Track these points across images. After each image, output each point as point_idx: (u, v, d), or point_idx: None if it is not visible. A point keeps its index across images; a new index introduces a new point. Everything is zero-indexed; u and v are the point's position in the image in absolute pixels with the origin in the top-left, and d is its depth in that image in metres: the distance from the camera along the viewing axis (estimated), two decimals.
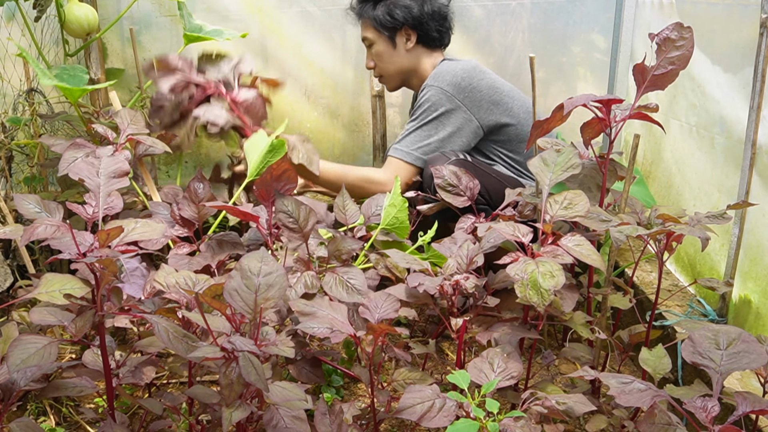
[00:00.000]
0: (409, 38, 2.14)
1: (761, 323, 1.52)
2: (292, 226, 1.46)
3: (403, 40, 2.13)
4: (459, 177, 1.77)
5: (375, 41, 2.16)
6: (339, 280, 1.44)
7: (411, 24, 2.11)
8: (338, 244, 1.49)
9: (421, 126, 2.04)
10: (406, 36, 2.13)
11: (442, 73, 2.07)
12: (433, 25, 2.14)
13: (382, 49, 2.15)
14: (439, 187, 1.75)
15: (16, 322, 1.39)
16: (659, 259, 1.40)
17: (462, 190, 1.76)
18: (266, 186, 1.47)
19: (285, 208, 1.47)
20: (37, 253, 1.94)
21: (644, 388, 1.11)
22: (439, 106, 2.02)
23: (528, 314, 1.46)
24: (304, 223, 1.47)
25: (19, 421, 1.17)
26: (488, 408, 1.12)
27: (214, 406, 1.19)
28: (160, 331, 1.10)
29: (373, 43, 2.17)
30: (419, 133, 2.03)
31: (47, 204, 1.31)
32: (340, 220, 1.74)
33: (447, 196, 1.75)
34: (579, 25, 2.52)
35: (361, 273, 1.46)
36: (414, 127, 2.05)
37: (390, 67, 2.18)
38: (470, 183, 1.76)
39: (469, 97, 2.02)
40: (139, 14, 2.59)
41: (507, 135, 2.08)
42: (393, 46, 2.14)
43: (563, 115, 1.47)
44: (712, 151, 1.81)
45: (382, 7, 2.12)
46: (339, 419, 1.21)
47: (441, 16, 2.16)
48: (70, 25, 2.16)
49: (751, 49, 1.54)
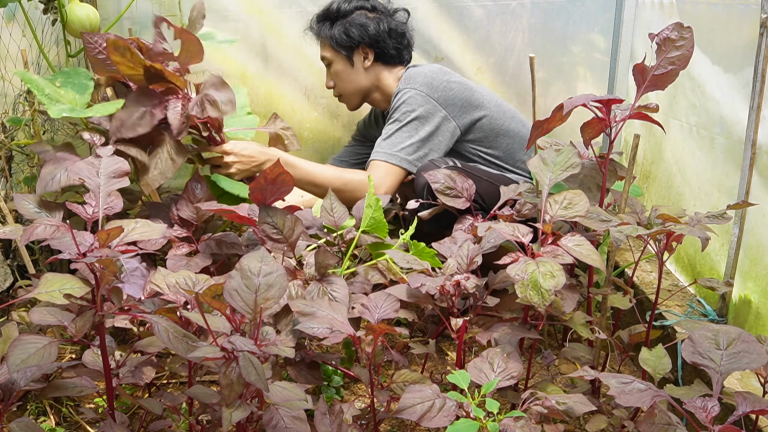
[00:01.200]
0: (367, 56, 2.15)
1: (761, 323, 1.52)
2: (276, 237, 1.46)
3: (360, 58, 2.15)
4: (454, 179, 1.79)
5: (333, 60, 2.17)
6: (322, 290, 1.43)
7: (367, 42, 2.13)
8: (319, 257, 1.48)
9: (401, 128, 2.02)
10: (364, 54, 2.15)
11: (413, 76, 2.08)
12: (390, 43, 2.15)
13: (340, 68, 2.17)
14: (438, 192, 1.77)
15: (16, 322, 1.39)
16: (659, 259, 1.40)
17: (459, 192, 1.78)
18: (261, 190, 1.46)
19: (269, 219, 1.46)
20: (37, 253, 1.94)
21: (644, 388, 1.11)
22: (417, 107, 2.02)
23: (528, 314, 1.46)
24: (289, 233, 1.46)
25: (19, 421, 1.17)
26: (488, 408, 1.12)
27: (214, 406, 1.19)
28: (160, 331, 1.10)
29: (331, 62, 2.18)
30: (399, 135, 2.02)
31: (47, 204, 1.31)
32: (328, 223, 1.72)
33: (447, 200, 1.77)
34: (579, 25, 2.52)
35: (345, 285, 1.45)
36: (393, 130, 2.03)
37: (348, 86, 2.19)
38: (465, 184, 1.79)
39: (443, 96, 2.03)
40: (139, 14, 2.59)
41: (482, 130, 2.08)
42: (351, 65, 2.16)
43: (563, 115, 1.47)
44: (712, 151, 1.81)
45: (338, 27, 2.13)
46: (339, 419, 1.21)
47: (398, 33, 2.17)
48: (72, 25, 2.16)
49: (751, 49, 1.54)
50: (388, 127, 2.06)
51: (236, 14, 2.54)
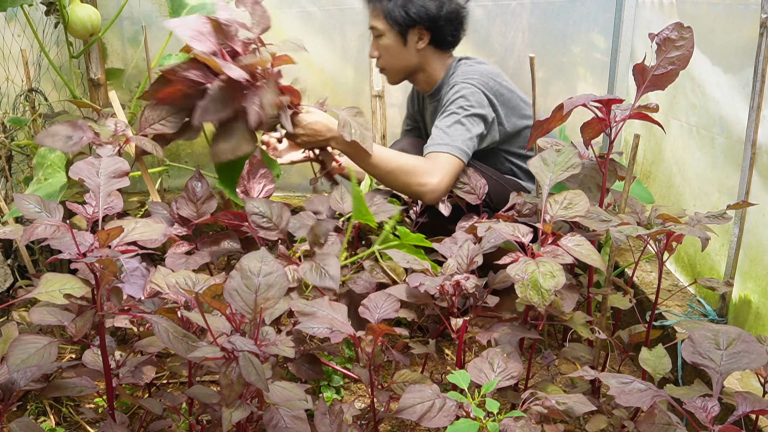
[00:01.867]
0: (422, 38, 2.03)
1: (761, 323, 1.52)
2: (267, 225, 1.49)
3: (414, 38, 2.03)
4: (469, 176, 1.86)
5: (384, 34, 2.03)
6: (315, 266, 1.45)
7: (426, 25, 2.01)
8: (315, 228, 1.50)
9: (460, 120, 1.93)
10: (419, 35, 2.03)
11: (470, 72, 1.99)
12: (448, 29, 2.04)
13: (390, 43, 2.03)
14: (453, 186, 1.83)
15: (16, 322, 1.39)
16: (659, 259, 1.40)
17: (473, 188, 1.85)
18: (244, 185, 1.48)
19: (256, 209, 1.50)
20: (37, 253, 1.94)
21: (644, 388, 1.11)
22: (475, 104, 1.94)
23: (528, 314, 1.46)
24: (278, 220, 1.49)
25: (19, 421, 1.17)
26: (488, 408, 1.12)
27: (214, 406, 1.19)
28: (160, 331, 1.10)
29: (381, 35, 2.03)
30: (460, 128, 1.92)
31: (47, 204, 1.31)
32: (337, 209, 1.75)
33: (460, 193, 1.85)
34: (579, 25, 2.52)
35: (337, 262, 1.47)
36: (453, 122, 1.93)
37: (396, 63, 2.07)
38: (479, 182, 1.86)
39: (498, 99, 1.98)
40: (140, 14, 2.59)
41: (525, 140, 2.05)
42: (403, 43, 2.02)
43: (563, 115, 1.47)
44: (713, 151, 1.81)
45: (397, 1, 1.98)
46: (339, 419, 1.21)
47: (458, 19, 2.06)
48: (73, 26, 2.16)
49: (751, 49, 1.54)
50: (447, 119, 1.95)
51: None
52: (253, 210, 1.49)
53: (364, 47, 2.61)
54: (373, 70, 2.56)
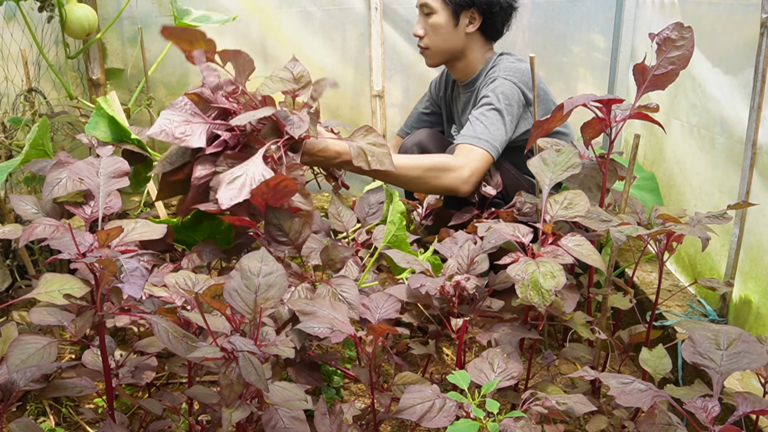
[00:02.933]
0: (473, 21, 1.99)
1: (761, 323, 1.52)
2: (282, 239, 1.40)
3: (466, 20, 1.99)
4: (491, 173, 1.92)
5: (435, 11, 1.98)
6: (332, 293, 1.38)
7: (481, 8, 1.98)
8: (330, 252, 1.43)
9: (498, 116, 1.91)
10: (471, 18, 1.99)
11: (511, 68, 1.97)
12: (500, 17, 2.02)
13: (441, 21, 1.98)
14: None
15: (15, 322, 1.39)
16: (659, 260, 1.40)
17: (490, 178, 1.90)
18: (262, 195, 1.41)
19: (275, 220, 1.40)
20: (37, 253, 1.94)
21: (644, 388, 1.11)
22: (513, 102, 1.92)
23: (528, 314, 1.46)
24: (295, 236, 1.40)
25: (18, 421, 1.17)
26: (488, 408, 1.12)
27: (213, 406, 1.19)
28: (160, 332, 1.10)
29: (432, 12, 1.99)
30: (498, 124, 1.90)
31: (45, 204, 1.31)
32: (338, 228, 1.68)
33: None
34: (579, 25, 2.52)
35: (355, 285, 1.41)
36: (491, 116, 1.91)
37: (442, 43, 2.02)
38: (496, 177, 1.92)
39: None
40: (139, 14, 2.59)
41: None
42: (454, 24, 1.98)
43: (563, 115, 1.47)
44: (713, 151, 1.80)
45: None
46: (339, 419, 1.21)
47: (511, 9, 2.04)
48: (71, 25, 2.16)
49: (751, 49, 1.54)
50: (485, 113, 1.92)
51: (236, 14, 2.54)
52: (272, 220, 1.41)
53: (364, 47, 2.61)
54: (374, 70, 2.56)
